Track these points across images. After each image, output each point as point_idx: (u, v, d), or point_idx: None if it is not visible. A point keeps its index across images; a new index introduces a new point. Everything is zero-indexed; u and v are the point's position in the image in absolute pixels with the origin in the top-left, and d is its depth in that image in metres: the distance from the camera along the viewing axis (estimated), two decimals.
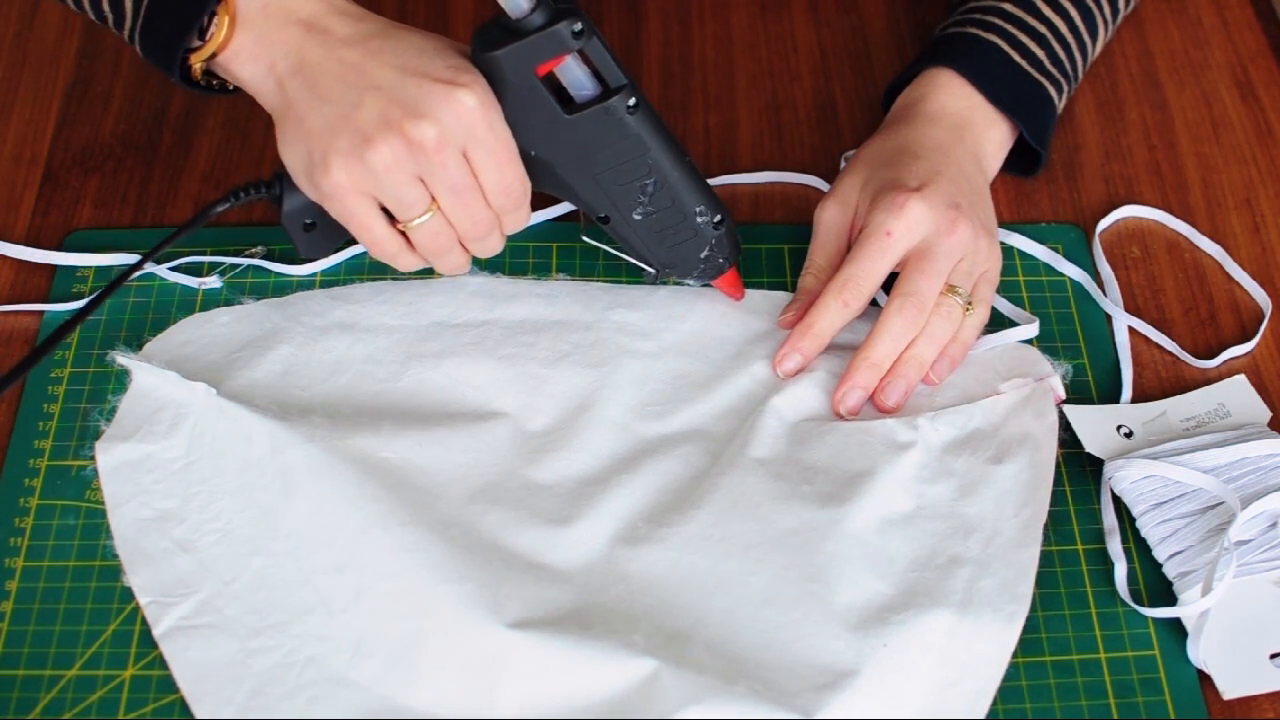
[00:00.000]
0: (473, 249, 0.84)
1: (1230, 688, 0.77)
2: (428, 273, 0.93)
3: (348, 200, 0.79)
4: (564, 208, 0.96)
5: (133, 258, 0.93)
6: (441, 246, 0.82)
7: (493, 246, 0.84)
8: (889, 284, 0.88)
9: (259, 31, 0.79)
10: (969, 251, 0.87)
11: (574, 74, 0.81)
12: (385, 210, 0.81)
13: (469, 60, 0.80)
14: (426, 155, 0.78)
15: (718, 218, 0.86)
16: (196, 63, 0.81)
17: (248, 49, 0.80)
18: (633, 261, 0.89)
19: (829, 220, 0.90)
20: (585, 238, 0.91)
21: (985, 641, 0.77)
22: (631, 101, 0.81)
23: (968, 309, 0.87)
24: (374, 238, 0.81)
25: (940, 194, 0.86)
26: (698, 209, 0.85)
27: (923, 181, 0.87)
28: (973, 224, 0.87)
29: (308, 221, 0.84)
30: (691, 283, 0.90)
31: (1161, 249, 0.97)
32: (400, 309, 0.91)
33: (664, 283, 0.92)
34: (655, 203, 0.85)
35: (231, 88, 0.84)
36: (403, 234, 0.82)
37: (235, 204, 0.84)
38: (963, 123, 0.92)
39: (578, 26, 0.78)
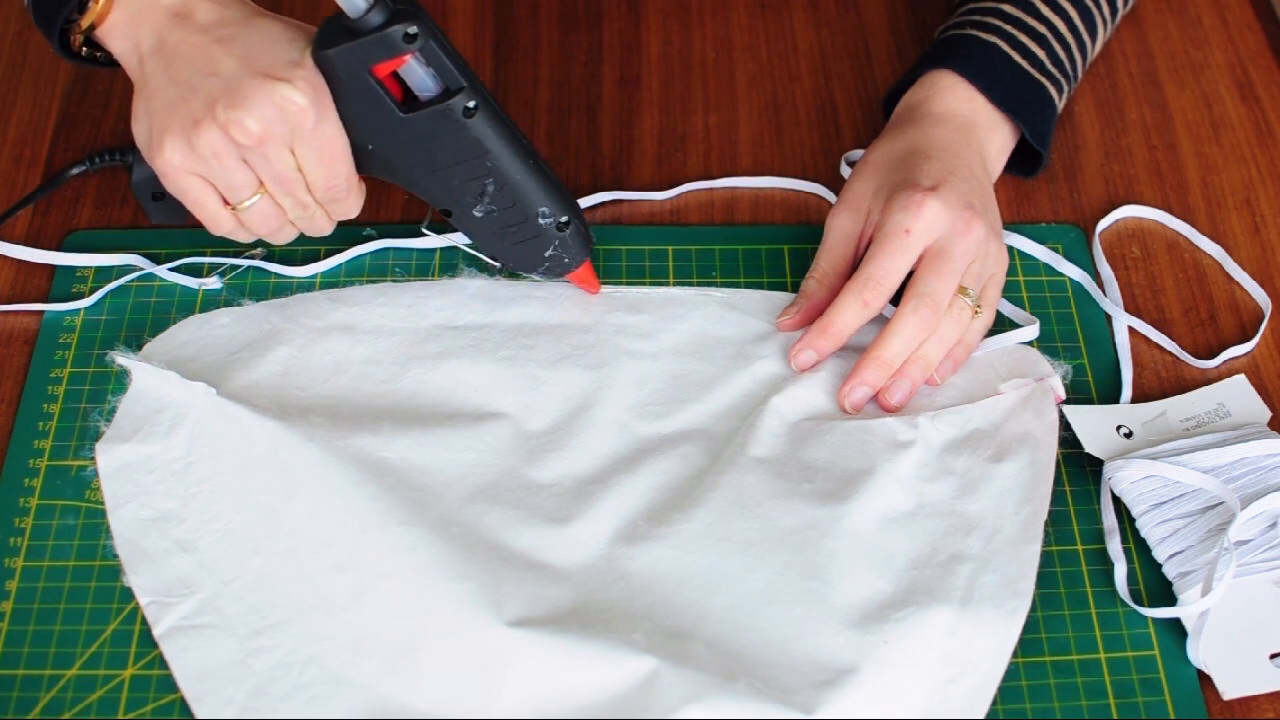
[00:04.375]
0: (300, 227, 0.87)
1: (1230, 688, 0.77)
2: (427, 275, 0.93)
3: (180, 179, 0.82)
4: None
5: (132, 258, 0.93)
6: (271, 227, 0.86)
7: (320, 229, 0.87)
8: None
9: (132, 10, 0.83)
10: (981, 253, 0.87)
11: (417, 74, 0.82)
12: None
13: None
14: (248, 147, 0.80)
15: (564, 219, 0.87)
16: (76, 34, 0.84)
17: (120, 25, 0.83)
18: (479, 255, 0.90)
19: (839, 228, 0.90)
20: (425, 230, 0.92)
21: (986, 638, 0.77)
22: (470, 104, 0.82)
23: (976, 311, 0.87)
24: (207, 215, 0.85)
25: (955, 194, 0.86)
26: (540, 210, 0.86)
27: (937, 181, 0.87)
28: (986, 225, 0.87)
29: (156, 191, 0.87)
30: (538, 278, 0.91)
31: (1161, 249, 0.97)
32: (400, 311, 0.91)
33: (516, 274, 0.93)
34: (496, 202, 0.85)
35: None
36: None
37: (91, 169, 0.89)
38: (968, 125, 0.92)
39: (412, 30, 0.79)
